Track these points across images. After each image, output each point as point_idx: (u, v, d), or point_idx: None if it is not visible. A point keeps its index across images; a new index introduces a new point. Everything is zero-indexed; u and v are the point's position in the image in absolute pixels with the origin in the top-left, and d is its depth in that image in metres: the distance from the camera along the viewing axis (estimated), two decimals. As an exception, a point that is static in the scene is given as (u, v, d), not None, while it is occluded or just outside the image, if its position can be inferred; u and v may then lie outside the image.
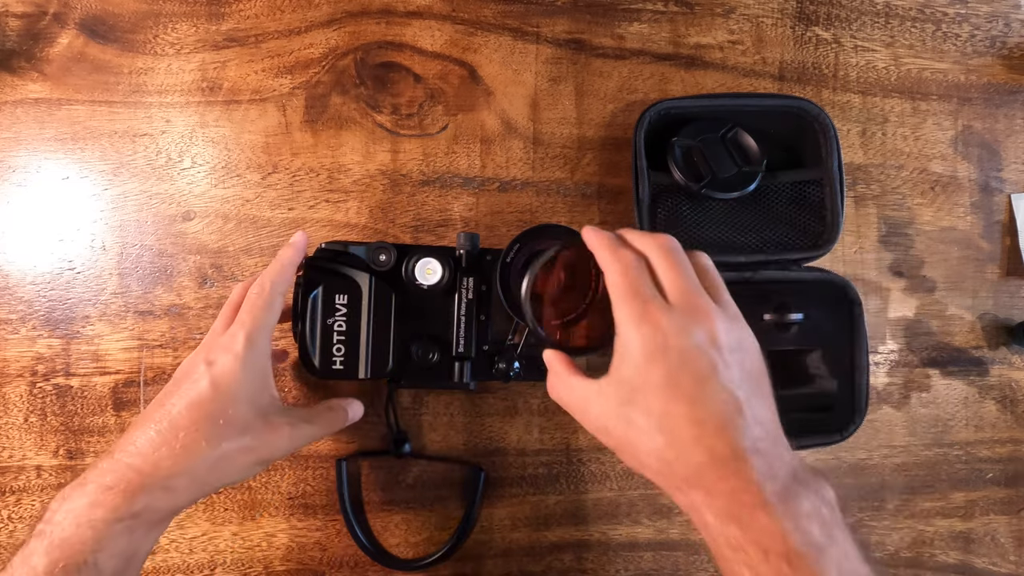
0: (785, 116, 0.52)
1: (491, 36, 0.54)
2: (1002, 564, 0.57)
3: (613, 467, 0.53)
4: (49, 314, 0.50)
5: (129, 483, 0.35)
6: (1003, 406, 0.58)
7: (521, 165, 0.54)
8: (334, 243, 0.46)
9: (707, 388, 0.32)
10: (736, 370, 0.33)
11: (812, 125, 0.52)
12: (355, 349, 0.46)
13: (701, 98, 0.53)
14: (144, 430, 0.37)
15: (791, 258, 0.51)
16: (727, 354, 0.33)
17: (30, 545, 0.34)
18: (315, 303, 0.45)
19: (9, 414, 0.50)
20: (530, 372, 0.48)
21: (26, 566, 0.33)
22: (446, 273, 0.46)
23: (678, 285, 0.34)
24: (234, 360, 0.38)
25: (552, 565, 0.52)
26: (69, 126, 0.51)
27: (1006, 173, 0.59)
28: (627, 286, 0.34)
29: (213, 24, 0.52)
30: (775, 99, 0.53)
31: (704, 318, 0.33)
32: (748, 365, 0.34)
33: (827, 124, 0.51)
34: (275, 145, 0.52)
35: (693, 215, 0.52)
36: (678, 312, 0.33)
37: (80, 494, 0.35)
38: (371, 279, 0.46)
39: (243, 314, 0.40)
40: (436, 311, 0.47)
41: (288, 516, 0.51)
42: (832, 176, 0.51)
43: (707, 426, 0.31)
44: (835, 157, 0.51)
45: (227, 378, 0.38)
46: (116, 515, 0.35)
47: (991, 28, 0.59)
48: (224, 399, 0.38)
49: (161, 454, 0.36)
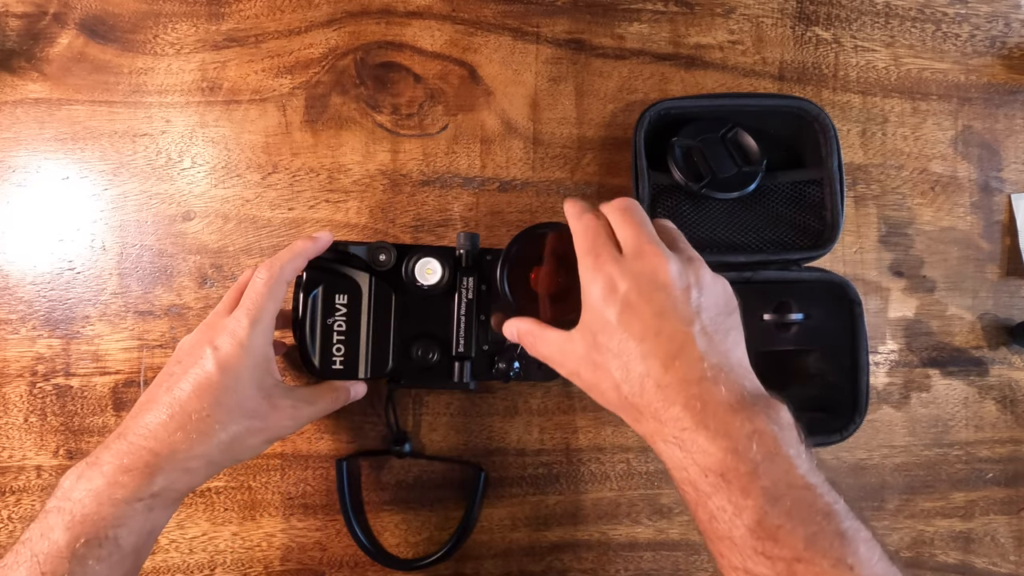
0: (785, 116, 0.52)
1: (491, 36, 0.54)
2: (1002, 564, 0.57)
3: (613, 467, 0.53)
4: (49, 314, 0.50)
5: (147, 464, 0.37)
6: (1003, 406, 0.58)
7: (521, 165, 0.54)
8: (334, 243, 0.46)
9: (656, 324, 0.34)
10: (687, 306, 0.35)
11: (812, 125, 0.52)
12: (355, 349, 0.46)
13: (701, 98, 0.53)
14: (156, 413, 0.38)
15: (791, 258, 0.51)
16: (678, 291, 0.35)
17: (48, 520, 0.35)
18: (315, 303, 0.45)
19: (9, 414, 0.50)
20: (530, 372, 0.48)
21: (47, 540, 0.34)
22: (446, 273, 0.46)
23: (630, 236, 0.37)
24: (239, 345, 0.39)
25: (552, 565, 0.52)
26: (69, 126, 0.51)
27: (1006, 173, 0.59)
28: (586, 245, 0.37)
29: (213, 24, 0.52)
30: (775, 99, 0.53)
31: (653, 260, 0.35)
32: (706, 301, 0.35)
33: (827, 124, 0.51)
34: (275, 145, 0.52)
35: (693, 215, 0.52)
36: (629, 259, 0.36)
37: (97, 474, 0.36)
38: (371, 279, 0.46)
39: (247, 298, 0.41)
40: (436, 311, 0.47)
41: (288, 516, 0.51)
42: (832, 176, 0.51)
43: (655, 359, 0.33)
44: (835, 157, 0.51)
45: (232, 362, 0.39)
46: (136, 495, 0.36)
47: (991, 28, 0.59)
48: (231, 383, 0.39)
49: (177, 438, 0.37)
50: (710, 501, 0.31)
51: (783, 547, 0.29)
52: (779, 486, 0.30)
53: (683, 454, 0.32)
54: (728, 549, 0.31)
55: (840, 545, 0.29)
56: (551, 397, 0.53)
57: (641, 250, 0.36)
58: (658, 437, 0.34)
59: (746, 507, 0.30)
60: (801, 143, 0.53)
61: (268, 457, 0.51)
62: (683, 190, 0.51)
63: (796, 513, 0.30)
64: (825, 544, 0.29)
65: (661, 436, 0.34)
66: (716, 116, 0.52)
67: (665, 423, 0.33)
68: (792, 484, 0.31)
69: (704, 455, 0.31)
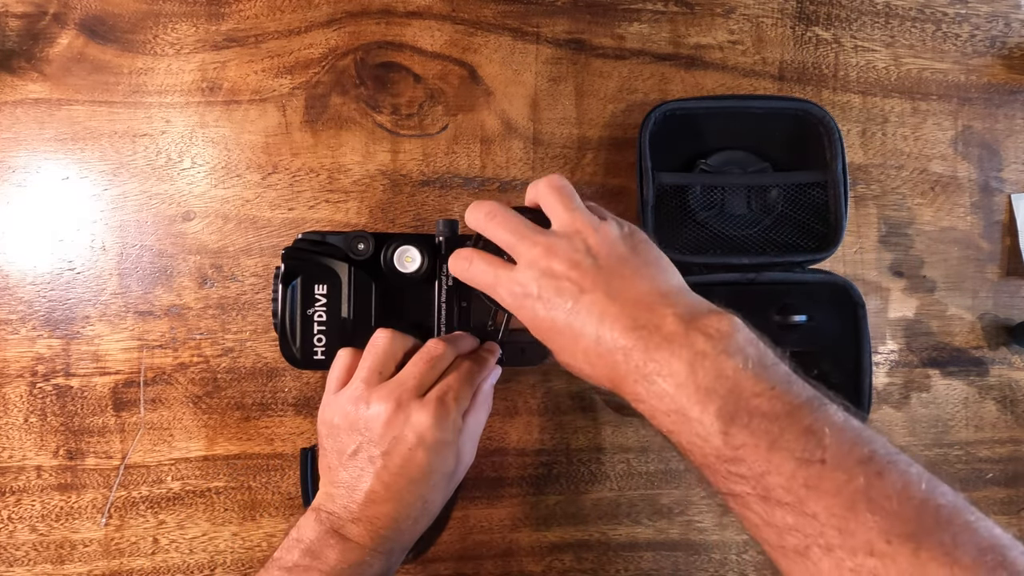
0: (790, 118, 0.53)
1: (491, 36, 0.54)
2: (1002, 564, 0.57)
3: (613, 467, 0.53)
4: (49, 314, 0.50)
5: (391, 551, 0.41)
6: (1003, 406, 0.58)
7: (521, 165, 0.54)
8: (312, 233, 0.46)
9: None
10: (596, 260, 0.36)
11: (817, 128, 0.52)
12: (336, 339, 0.46)
13: (707, 99, 0.53)
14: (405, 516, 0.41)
15: (795, 260, 0.51)
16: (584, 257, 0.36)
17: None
18: (294, 294, 0.45)
19: (9, 414, 0.50)
20: (513, 358, 0.48)
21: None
22: (425, 260, 0.46)
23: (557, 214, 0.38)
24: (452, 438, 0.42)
25: (552, 565, 0.52)
26: (69, 126, 0.51)
27: (1006, 173, 0.59)
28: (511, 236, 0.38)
29: (213, 24, 0.52)
30: (781, 101, 0.53)
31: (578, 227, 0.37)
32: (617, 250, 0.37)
33: (832, 127, 0.51)
34: (275, 145, 0.52)
35: (698, 215, 0.52)
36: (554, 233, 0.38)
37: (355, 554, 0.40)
38: (350, 268, 0.46)
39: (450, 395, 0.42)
40: (417, 298, 0.47)
41: (288, 516, 0.51)
42: (836, 179, 0.51)
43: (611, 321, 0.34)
44: (839, 160, 0.51)
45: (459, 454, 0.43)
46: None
47: (991, 28, 0.59)
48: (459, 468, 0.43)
49: (420, 525, 0.43)
50: (681, 437, 0.31)
51: (751, 465, 0.29)
52: (730, 402, 0.30)
53: (646, 403, 0.33)
54: (711, 474, 0.31)
55: (805, 440, 0.28)
56: (551, 397, 0.53)
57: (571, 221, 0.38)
58: (627, 390, 0.34)
59: (709, 435, 0.30)
60: (805, 145, 0.53)
61: (268, 457, 0.51)
62: (688, 191, 0.52)
63: (756, 424, 0.29)
64: (789, 446, 0.28)
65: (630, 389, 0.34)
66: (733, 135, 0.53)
67: (627, 375, 0.33)
68: (745, 394, 0.30)
69: (660, 398, 0.32)
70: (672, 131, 0.52)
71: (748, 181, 0.53)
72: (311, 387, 0.51)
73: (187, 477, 0.50)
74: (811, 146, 0.53)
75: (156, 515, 0.50)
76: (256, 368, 0.51)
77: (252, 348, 0.51)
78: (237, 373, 0.51)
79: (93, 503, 0.50)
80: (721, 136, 0.53)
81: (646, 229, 0.50)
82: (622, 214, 0.54)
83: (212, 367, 0.51)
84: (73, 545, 0.49)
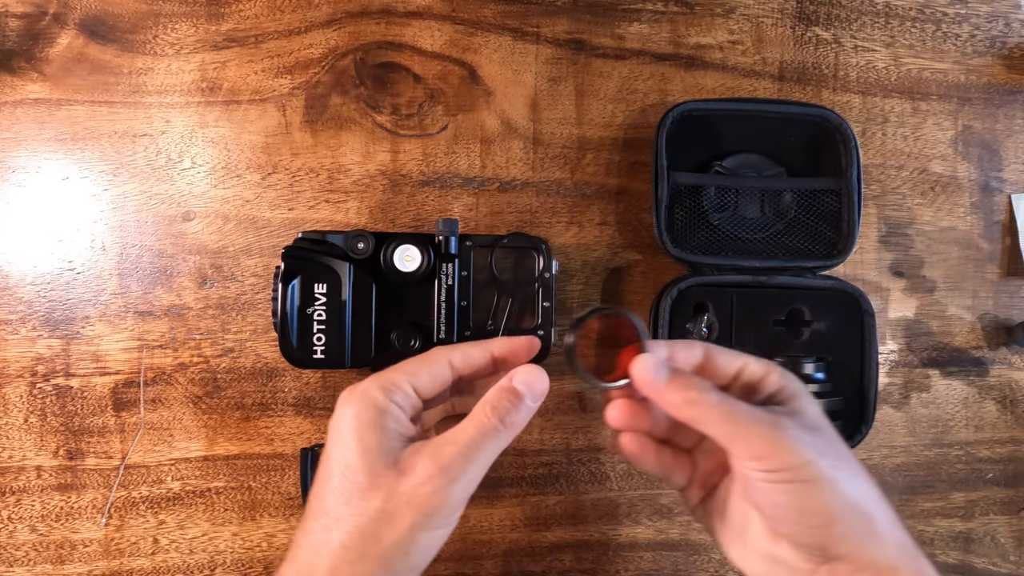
0: (807, 124, 0.52)
1: (491, 36, 0.54)
2: (1002, 564, 0.57)
3: (613, 467, 0.53)
4: (49, 314, 0.50)
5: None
6: (1003, 406, 0.58)
7: (521, 165, 0.54)
8: (312, 232, 0.46)
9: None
10: None
11: (834, 135, 0.52)
12: (335, 338, 0.46)
13: (725, 101, 0.53)
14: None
15: (805, 265, 0.51)
16: None
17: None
18: (293, 293, 0.45)
19: (9, 414, 0.50)
20: None
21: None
22: (425, 260, 0.46)
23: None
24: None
25: (552, 565, 0.52)
26: (69, 126, 0.51)
27: (1006, 173, 0.59)
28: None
29: (213, 24, 0.52)
30: (798, 107, 0.53)
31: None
32: None
33: (848, 135, 0.51)
34: (275, 145, 0.52)
35: (711, 216, 0.52)
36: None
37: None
38: (350, 268, 0.46)
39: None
40: (416, 298, 0.47)
41: (288, 516, 0.51)
42: (851, 187, 0.51)
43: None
44: (854, 168, 0.51)
45: None
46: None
47: (991, 28, 0.59)
48: None
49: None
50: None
51: None
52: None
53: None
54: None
55: None
56: (551, 397, 0.53)
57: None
58: None
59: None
60: (821, 152, 0.53)
61: (268, 457, 0.51)
62: (702, 192, 0.52)
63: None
64: None
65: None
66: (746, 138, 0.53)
67: None
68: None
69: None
70: (688, 131, 0.52)
71: (762, 185, 0.53)
72: (311, 387, 0.51)
73: (187, 477, 0.50)
74: (827, 153, 0.53)
75: (156, 515, 0.50)
76: (256, 368, 0.51)
77: (252, 348, 0.51)
78: (237, 373, 0.51)
79: (93, 503, 0.50)
80: (737, 139, 0.53)
81: (659, 228, 0.50)
82: (621, 214, 0.55)
83: (212, 367, 0.51)
84: (73, 545, 0.50)
